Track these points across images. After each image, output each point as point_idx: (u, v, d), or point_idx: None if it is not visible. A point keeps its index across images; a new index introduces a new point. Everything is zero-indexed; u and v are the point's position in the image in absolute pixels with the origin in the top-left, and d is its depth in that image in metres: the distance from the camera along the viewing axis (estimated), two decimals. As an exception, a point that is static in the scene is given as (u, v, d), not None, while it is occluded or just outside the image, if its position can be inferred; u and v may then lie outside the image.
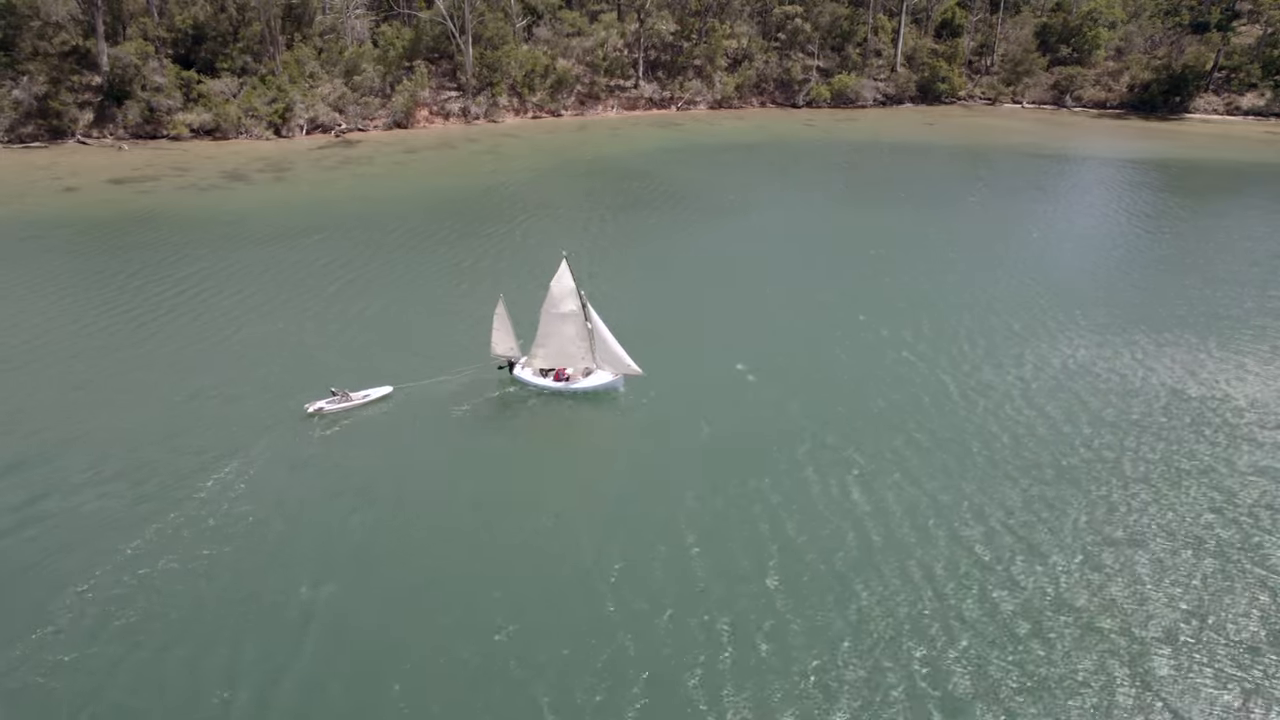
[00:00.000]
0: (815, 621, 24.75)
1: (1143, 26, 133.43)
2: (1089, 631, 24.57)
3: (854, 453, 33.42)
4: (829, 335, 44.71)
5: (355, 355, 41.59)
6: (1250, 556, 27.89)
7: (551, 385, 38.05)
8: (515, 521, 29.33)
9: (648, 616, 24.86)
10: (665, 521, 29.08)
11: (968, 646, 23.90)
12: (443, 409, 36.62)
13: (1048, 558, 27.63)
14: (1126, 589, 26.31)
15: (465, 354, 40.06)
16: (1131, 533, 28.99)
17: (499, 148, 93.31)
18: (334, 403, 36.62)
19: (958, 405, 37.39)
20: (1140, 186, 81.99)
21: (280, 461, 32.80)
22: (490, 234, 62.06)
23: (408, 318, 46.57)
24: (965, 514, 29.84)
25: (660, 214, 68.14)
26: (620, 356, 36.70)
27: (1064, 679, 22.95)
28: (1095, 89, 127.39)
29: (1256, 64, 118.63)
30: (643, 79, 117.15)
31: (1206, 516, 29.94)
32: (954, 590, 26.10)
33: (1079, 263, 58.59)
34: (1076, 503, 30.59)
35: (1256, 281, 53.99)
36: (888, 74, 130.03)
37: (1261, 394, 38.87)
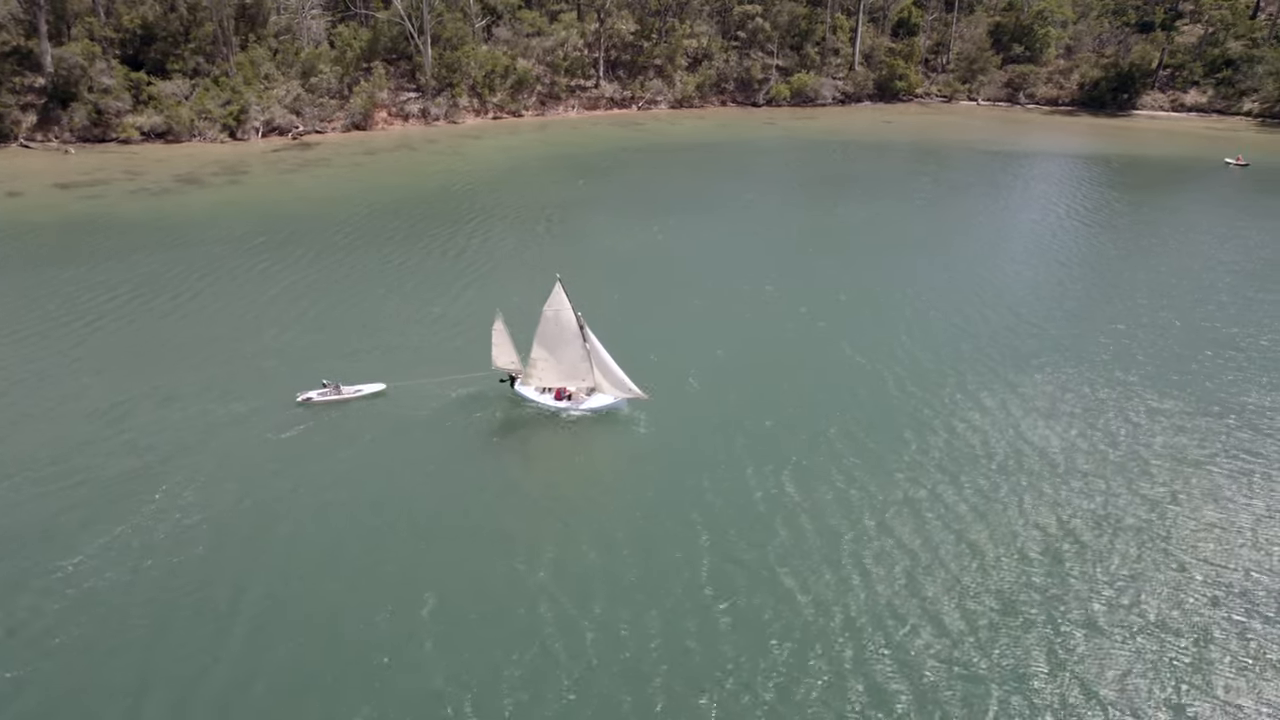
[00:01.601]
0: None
1: (1091, 26, 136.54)
2: (1018, 617, 25.45)
3: (826, 459, 34.01)
4: (776, 333, 45.37)
5: (343, 355, 41.91)
6: (1167, 540, 28.96)
7: (554, 404, 36.93)
8: (496, 534, 28.80)
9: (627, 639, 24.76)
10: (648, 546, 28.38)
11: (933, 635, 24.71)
12: (436, 413, 36.47)
13: (981, 548, 28.49)
14: (1053, 576, 27.22)
15: (461, 359, 39.67)
16: (1062, 521, 29.90)
17: (460, 149, 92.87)
18: (324, 394, 37.09)
19: (906, 400, 38.25)
20: (1086, 182, 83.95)
21: (262, 453, 33.46)
22: (460, 236, 61.98)
23: (391, 320, 46.51)
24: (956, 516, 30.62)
25: (623, 213, 68.42)
26: (622, 380, 35.54)
27: (994, 667, 23.78)
28: (1047, 86, 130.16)
29: (1198, 62, 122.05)
30: (603, 79, 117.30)
31: (1135, 504, 31.01)
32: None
33: (1022, 258, 59.75)
34: (1007, 492, 31.44)
35: (1194, 275, 55.79)
36: (846, 72, 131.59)
37: (1172, 398, 40.28)
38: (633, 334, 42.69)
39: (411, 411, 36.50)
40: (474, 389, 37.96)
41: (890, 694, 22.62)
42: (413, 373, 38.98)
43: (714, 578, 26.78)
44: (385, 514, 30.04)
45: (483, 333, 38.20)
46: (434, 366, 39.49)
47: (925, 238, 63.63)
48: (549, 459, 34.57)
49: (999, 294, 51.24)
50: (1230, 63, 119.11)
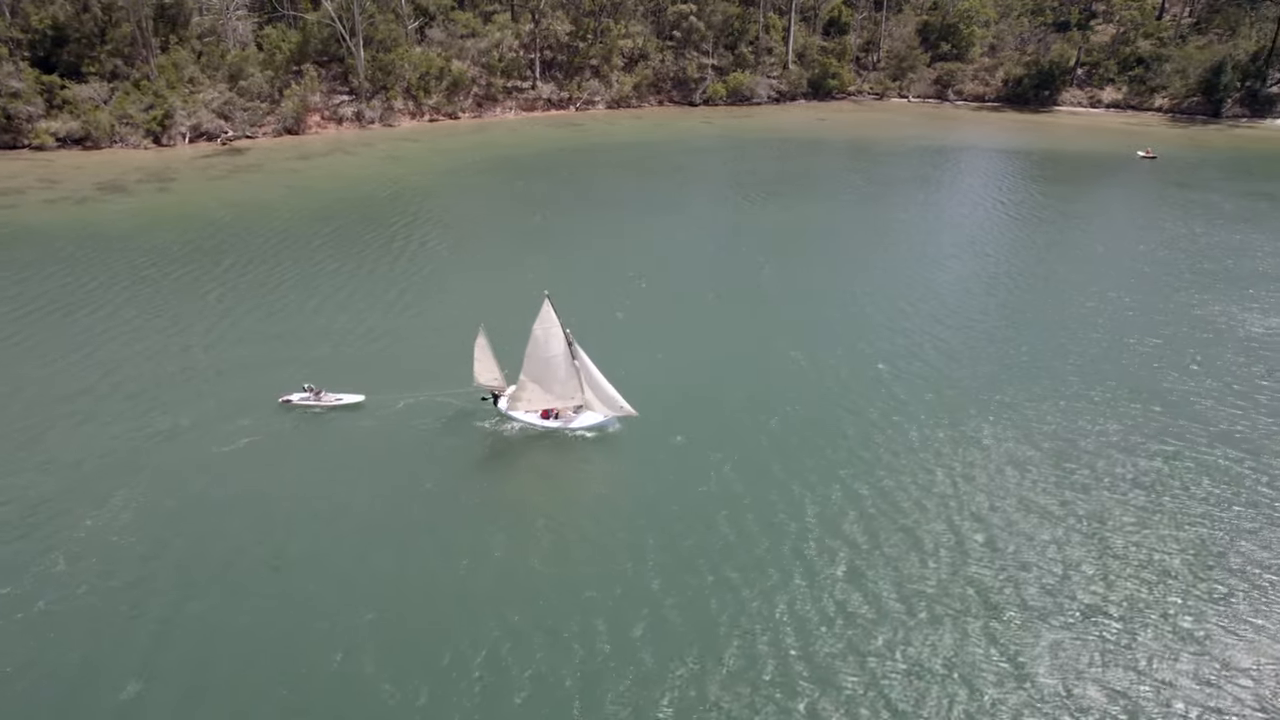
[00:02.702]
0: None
1: (1012, 25, 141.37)
2: (950, 606, 26.55)
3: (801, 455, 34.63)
4: (720, 338, 46.08)
5: (310, 365, 41.21)
6: (1089, 520, 30.54)
7: (542, 424, 35.93)
8: (468, 557, 28.33)
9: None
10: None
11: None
12: (414, 429, 35.81)
13: (915, 536, 29.62)
14: (988, 564, 28.51)
15: (442, 374, 38.79)
16: (996, 508, 31.20)
17: (397, 152, 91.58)
18: (305, 398, 36.89)
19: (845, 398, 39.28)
20: (1012, 176, 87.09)
21: (202, 472, 32.79)
22: (399, 242, 61.26)
23: (340, 331, 45.85)
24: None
25: (564, 215, 68.46)
26: (613, 397, 34.83)
27: (941, 655, 24.81)
28: (974, 83, 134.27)
29: (1112, 61, 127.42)
30: (540, 80, 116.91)
31: (1065, 492, 32.48)
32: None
33: (952, 252, 61.73)
34: (946, 483, 32.66)
35: (1116, 265, 58.48)
36: (780, 71, 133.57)
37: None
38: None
39: (388, 426, 35.86)
40: (457, 405, 37.10)
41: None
42: (390, 386, 38.30)
43: (700, 612, 25.82)
44: (351, 532, 29.57)
45: (453, 345, 37.74)
46: (413, 380, 38.66)
47: (862, 235, 65.29)
48: (534, 480, 33.53)
49: (933, 289, 52.86)
50: (1141, 61, 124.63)
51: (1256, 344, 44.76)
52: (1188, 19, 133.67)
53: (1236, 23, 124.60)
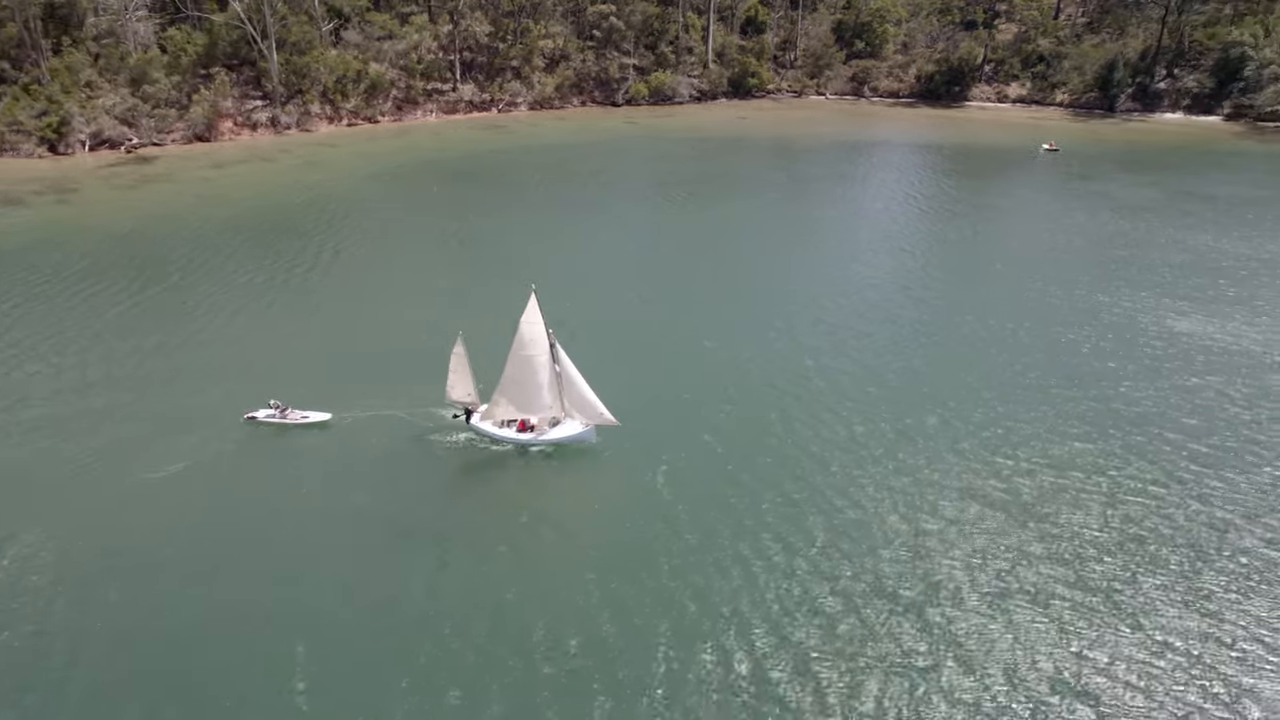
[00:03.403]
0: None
1: (923, 23, 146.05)
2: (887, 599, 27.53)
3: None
4: (651, 343, 46.49)
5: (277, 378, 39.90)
6: (1028, 504, 31.97)
7: (516, 437, 34.11)
8: (437, 587, 27.40)
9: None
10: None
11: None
12: (381, 447, 34.66)
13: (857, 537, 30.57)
14: (920, 554, 29.62)
15: (399, 389, 37.93)
16: (925, 498, 32.40)
17: (316, 158, 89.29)
18: (270, 415, 35.84)
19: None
20: (926, 169, 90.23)
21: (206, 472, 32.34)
22: (326, 251, 60.00)
23: (289, 345, 44.70)
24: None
25: (490, 217, 67.80)
26: (593, 404, 33.02)
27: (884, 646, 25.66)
28: (888, 80, 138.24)
29: (1016, 58, 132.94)
30: (461, 82, 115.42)
31: (1002, 479, 33.91)
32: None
33: (870, 247, 63.72)
34: (877, 476, 33.71)
35: (1026, 255, 61.19)
36: (701, 70, 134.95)
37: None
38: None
39: (354, 444, 34.91)
40: (423, 422, 36.13)
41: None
42: (357, 404, 37.32)
43: (679, 635, 25.18)
44: (311, 556, 28.78)
45: (405, 358, 37.20)
46: (381, 397, 37.57)
47: (785, 233, 66.65)
48: (503, 499, 32.21)
49: (856, 285, 54.30)
50: (1042, 58, 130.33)
51: (1168, 330, 47.15)
52: (1081, 19, 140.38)
53: (1125, 23, 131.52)
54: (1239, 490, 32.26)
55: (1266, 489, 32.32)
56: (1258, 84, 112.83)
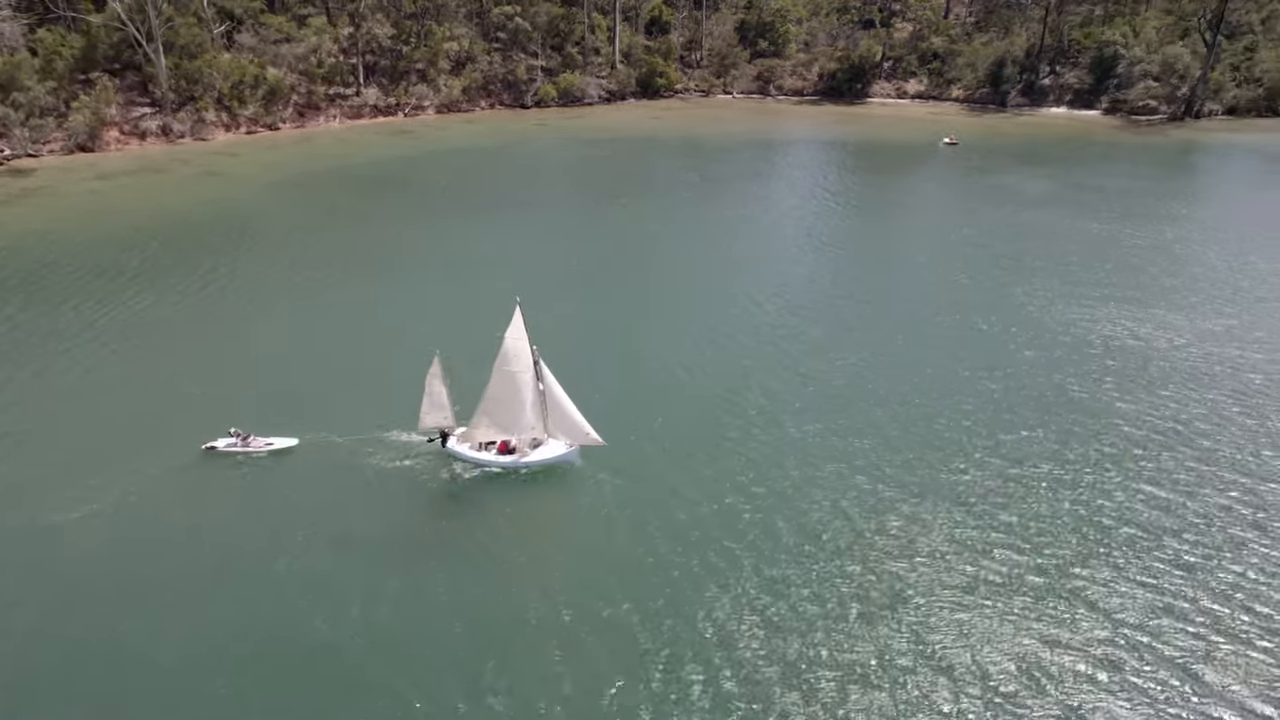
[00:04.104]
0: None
1: (823, 22, 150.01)
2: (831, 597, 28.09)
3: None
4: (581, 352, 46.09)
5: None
6: (970, 497, 32.98)
7: (497, 460, 32.65)
8: (412, 627, 25.90)
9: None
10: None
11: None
12: (352, 476, 32.83)
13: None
14: (882, 551, 30.24)
15: (379, 412, 36.25)
16: (837, 504, 33.16)
17: (216, 168, 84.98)
18: (231, 444, 33.77)
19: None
20: (834, 166, 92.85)
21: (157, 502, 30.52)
22: (237, 264, 57.06)
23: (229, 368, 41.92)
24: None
25: (403, 225, 65.94)
26: (579, 424, 31.92)
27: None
28: (793, 78, 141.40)
29: (913, 55, 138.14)
30: (364, 85, 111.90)
31: (940, 473, 34.91)
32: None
33: (781, 244, 64.88)
34: (810, 475, 34.21)
35: (935, 247, 63.64)
36: (609, 71, 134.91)
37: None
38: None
39: (324, 472, 33.15)
40: (399, 448, 34.47)
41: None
42: (324, 427, 35.53)
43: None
44: (280, 590, 27.17)
45: (355, 379, 35.90)
46: (350, 422, 35.81)
47: (707, 231, 67.21)
48: (482, 527, 30.51)
49: (784, 284, 54.92)
50: (937, 56, 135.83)
51: (1083, 318, 49.43)
52: (969, 19, 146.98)
53: (1009, 22, 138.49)
54: (1169, 468, 33.93)
55: (1195, 465, 34.17)
56: (1130, 80, 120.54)
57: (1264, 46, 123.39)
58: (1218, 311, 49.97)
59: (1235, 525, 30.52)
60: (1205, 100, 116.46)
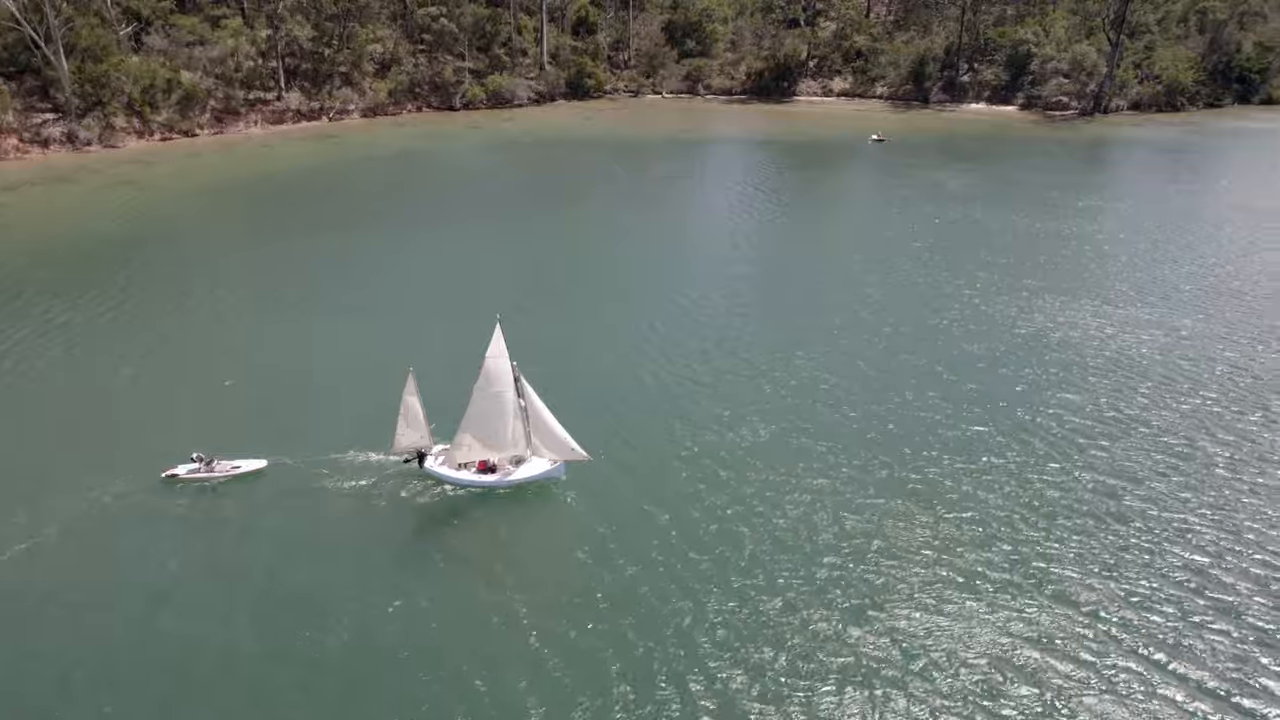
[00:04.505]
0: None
1: (749, 22, 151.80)
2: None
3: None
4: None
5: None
6: (921, 492, 33.62)
7: (479, 480, 31.64)
8: (390, 658, 24.70)
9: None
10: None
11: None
12: (326, 498, 31.41)
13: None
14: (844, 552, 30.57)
15: (356, 432, 34.63)
16: (835, 491, 33.58)
17: (131, 178, 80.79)
18: (193, 470, 31.79)
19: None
20: (766, 164, 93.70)
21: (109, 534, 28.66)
22: (152, 281, 54.05)
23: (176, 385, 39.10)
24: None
25: (335, 235, 63.75)
26: (564, 440, 31.36)
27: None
28: (721, 78, 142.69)
29: (837, 54, 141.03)
30: (286, 90, 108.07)
31: (896, 469, 35.56)
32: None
33: (718, 244, 65.03)
34: (769, 479, 34.36)
35: (870, 243, 64.98)
36: (537, 72, 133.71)
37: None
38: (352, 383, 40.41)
39: (296, 496, 31.56)
40: (374, 469, 33.08)
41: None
42: (293, 448, 33.88)
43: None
44: (253, 623, 25.71)
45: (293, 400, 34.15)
46: (322, 441, 34.30)
47: (650, 233, 66.97)
48: (467, 549, 29.44)
49: (718, 285, 54.81)
50: (860, 54, 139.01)
51: (1013, 312, 51.32)
52: (889, 17, 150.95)
53: (928, 21, 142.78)
54: (1115, 455, 35.21)
55: (1137, 452, 35.52)
56: (1042, 77, 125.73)
57: (1161, 46, 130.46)
58: (1144, 300, 52.24)
59: (1179, 509, 31.87)
60: (1112, 96, 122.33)
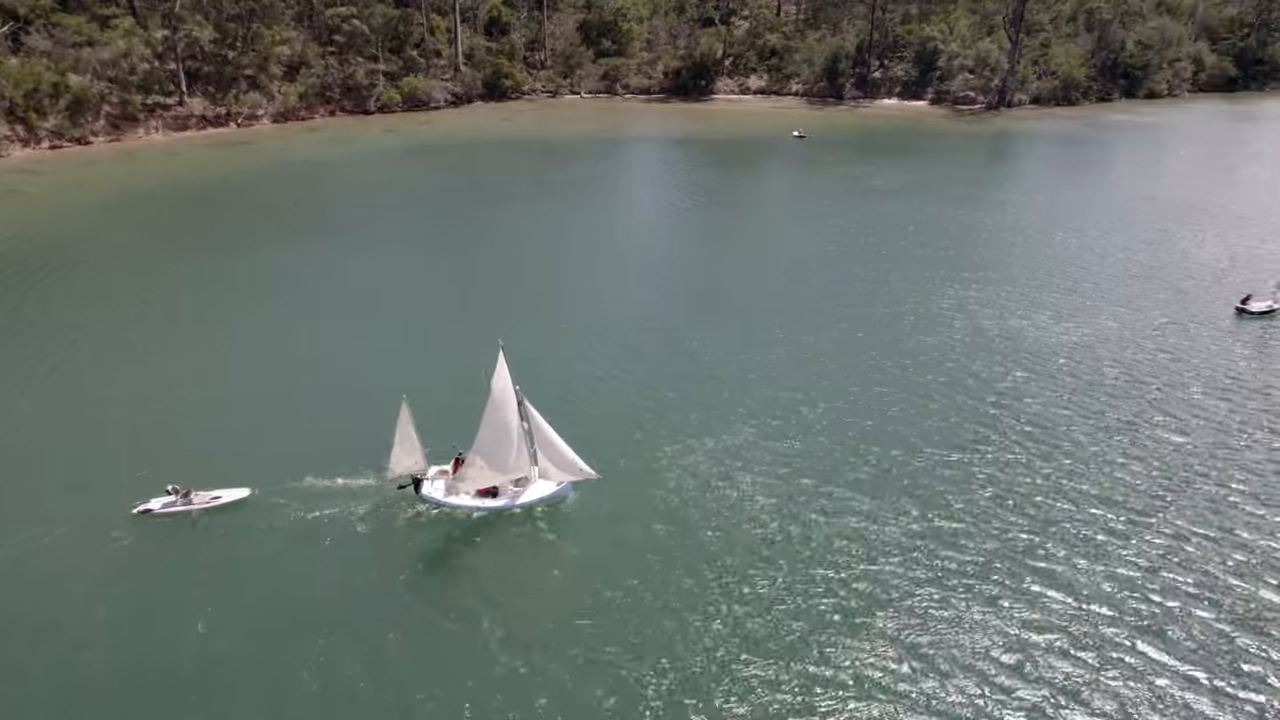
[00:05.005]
0: None
1: (664, 21, 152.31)
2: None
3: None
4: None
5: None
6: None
7: (483, 504, 30.58)
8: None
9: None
10: None
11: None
12: (316, 528, 29.32)
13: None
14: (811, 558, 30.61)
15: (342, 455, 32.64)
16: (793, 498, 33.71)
17: (16, 187, 75.20)
18: (169, 504, 29.32)
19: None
20: (690, 163, 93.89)
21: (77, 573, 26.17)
22: (48, 300, 49.96)
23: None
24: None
25: (249, 249, 60.62)
26: (572, 460, 30.70)
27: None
28: (638, 77, 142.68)
29: (752, 52, 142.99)
30: (188, 94, 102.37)
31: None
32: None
33: (647, 246, 65.30)
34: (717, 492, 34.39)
35: (801, 240, 65.93)
36: (453, 74, 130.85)
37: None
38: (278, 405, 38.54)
39: (285, 526, 29.45)
40: (369, 495, 31.18)
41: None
42: (273, 476, 31.52)
43: None
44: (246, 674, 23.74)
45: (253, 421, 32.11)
46: (304, 467, 32.01)
47: (583, 236, 66.10)
48: (471, 578, 27.92)
49: (661, 287, 54.68)
50: (775, 52, 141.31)
51: (958, 302, 52.72)
52: (799, 15, 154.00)
53: (838, 20, 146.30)
54: (1079, 444, 36.16)
55: (1102, 440, 36.85)
56: (950, 73, 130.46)
57: (1055, 44, 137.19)
58: (1075, 290, 53.91)
59: (1143, 498, 33.26)
60: (1015, 91, 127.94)
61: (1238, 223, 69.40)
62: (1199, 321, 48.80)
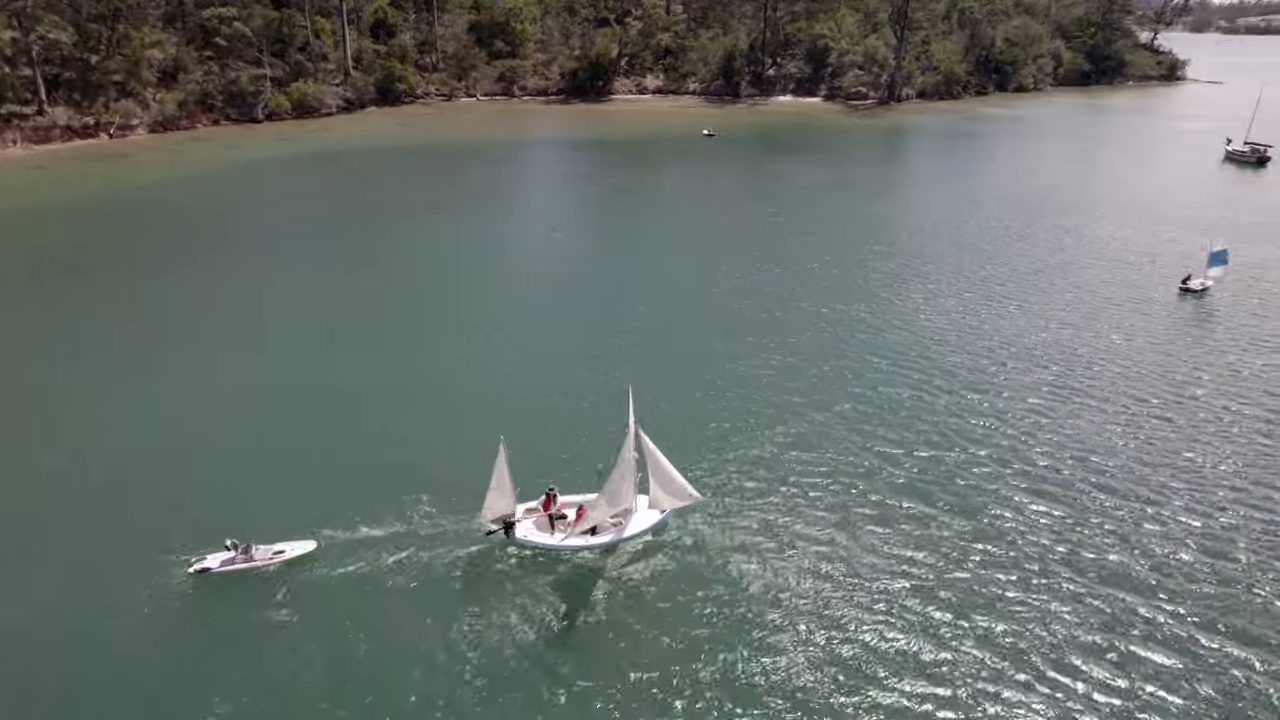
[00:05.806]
0: None
1: (556, 22, 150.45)
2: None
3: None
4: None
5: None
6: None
7: (589, 542, 28.35)
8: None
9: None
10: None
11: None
12: (400, 579, 26.11)
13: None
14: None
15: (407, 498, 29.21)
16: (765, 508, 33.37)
17: None
18: (229, 561, 26.05)
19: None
20: (602, 164, 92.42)
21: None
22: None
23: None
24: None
25: (121, 277, 55.47)
26: (681, 485, 29.10)
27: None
28: (535, 78, 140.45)
29: (647, 51, 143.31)
30: (49, 103, 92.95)
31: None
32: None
33: (579, 252, 63.98)
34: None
35: (728, 239, 66.19)
36: (342, 78, 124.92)
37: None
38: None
39: (361, 582, 26.02)
40: (451, 542, 28.10)
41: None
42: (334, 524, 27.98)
43: None
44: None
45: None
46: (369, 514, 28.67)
47: (498, 247, 62.41)
48: (583, 627, 25.09)
49: (597, 295, 53.09)
50: (670, 51, 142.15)
51: (879, 287, 53.76)
52: (687, 15, 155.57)
53: (727, 19, 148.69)
54: (1056, 418, 37.63)
55: (1063, 442, 38.22)
56: (841, 70, 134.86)
57: (934, 40, 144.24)
58: (1001, 283, 55.95)
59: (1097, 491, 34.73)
60: (902, 86, 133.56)
61: (1140, 211, 74.36)
62: (1149, 301, 51.65)
